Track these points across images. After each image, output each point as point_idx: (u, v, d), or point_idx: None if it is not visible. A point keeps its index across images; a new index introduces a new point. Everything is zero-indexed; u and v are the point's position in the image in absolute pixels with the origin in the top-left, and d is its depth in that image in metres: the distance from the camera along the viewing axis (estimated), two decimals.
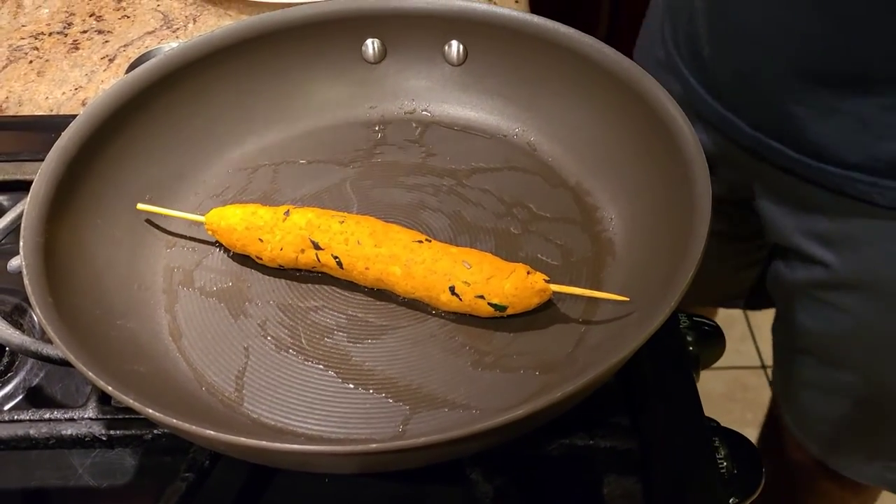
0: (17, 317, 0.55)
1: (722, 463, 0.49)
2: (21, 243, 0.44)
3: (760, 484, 0.52)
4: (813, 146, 0.59)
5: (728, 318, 1.43)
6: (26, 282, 0.42)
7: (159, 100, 0.54)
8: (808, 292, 0.67)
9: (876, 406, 0.69)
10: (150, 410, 0.35)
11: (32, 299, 0.41)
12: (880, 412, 0.69)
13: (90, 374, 0.37)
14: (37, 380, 0.52)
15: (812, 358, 0.70)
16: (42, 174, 0.47)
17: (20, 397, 0.51)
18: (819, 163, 0.59)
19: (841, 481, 0.79)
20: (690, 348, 0.55)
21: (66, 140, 0.49)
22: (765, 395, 1.44)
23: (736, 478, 0.50)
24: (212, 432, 0.34)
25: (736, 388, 1.52)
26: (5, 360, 0.52)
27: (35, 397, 0.51)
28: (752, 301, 0.87)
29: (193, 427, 0.35)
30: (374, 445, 0.34)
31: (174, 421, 0.35)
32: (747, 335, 1.57)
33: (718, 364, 0.64)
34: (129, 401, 0.36)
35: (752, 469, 0.51)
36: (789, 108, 0.59)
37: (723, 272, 0.82)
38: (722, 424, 0.51)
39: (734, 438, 0.51)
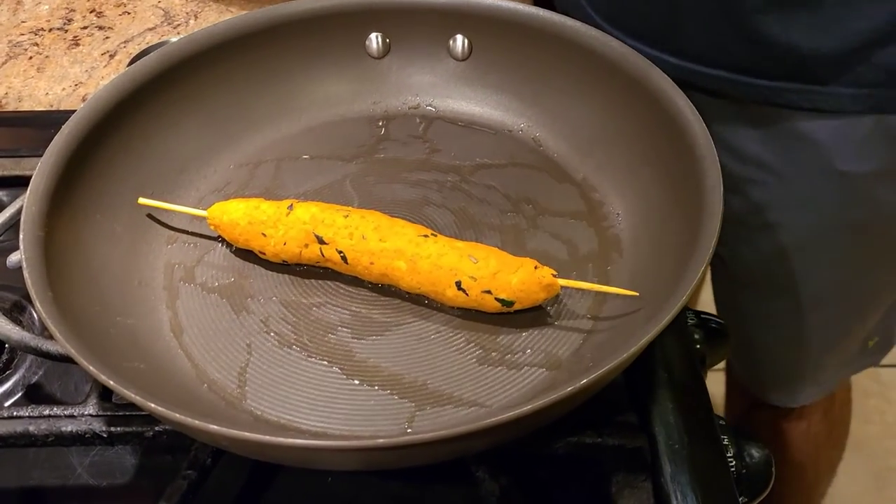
0: (16, 314, 0.54)
1: (731, 462, 0.48)
2: (21, 236, 0.43)
3: (770, 484, 0.52)
4: (739, 65, 0.60)
5: None
6: (26, 275, 0.41)
7: (160, 94, 0.54)
8: (744, 220, 0.67)
9: (820, 326, 0.70)
10: (153, 405, 0.35)
11: (32, 292, 0.40)
12: (825, 331, 0.70)
13: (91, 368, 0.36)
14: (36, 377, 0.51)
15: (754, 290, 0.71)
16: (42, 167, 0.46)
17: (19, 394, 0.50)
18: (747, 77, 0.60)
19: (810, 426, 0.81)
20: (698, 346, 0.55)
21: (66, 134, 0.48)
22: None
23: (745, 477, 0.50)
24: (215, 427, 0.34)
25: None
26: (4, 357, 0.52)
27: (34, 395, 0.50)
28: None
29: (196, 422, 0.34)
30: (380, 440, 0.33)
31: (176, 416, 0.34)
32: None
33: (719, 366, 0.63)
34: (131, 395, 0.35)
35: (762, 469, 0.51)
36: (714, 33, 0.59)
37: None
38: None
39: (744, 437, 0.50)
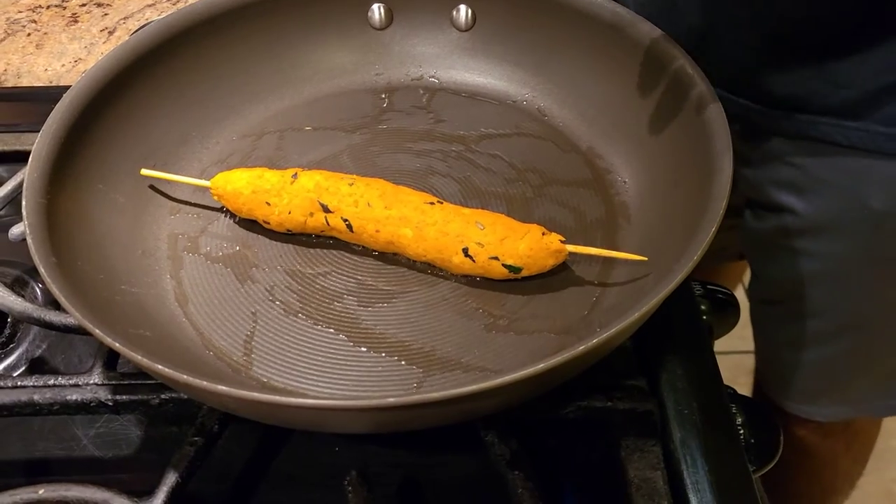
0: (18, 288, 0.53)
1: (740, 430, 0.48)
2: (23, 203, 0.42)
3: (778, 452, 0.51)
4: (772, 97, 0.59)
5: None
6: (29, 241, 0.40)
7: (162, 64, 0.53)
8: (776, 242, 0.67)
9: (848, 352, 0.69)
10: (160, 367, 0.34)
11: (35, 258, 0.39)
12: (853, 357, 0.70)
13: (96, 330, 0.36)
14: (39, 350, 0.51)
15: (784, 309, 0.71)
16: (44, 135, 0.46)
17: (23, 368, 0.50)
18: (780, 110, 0.59)
19: (829, 436, 0.79)
20: (704, 317, 0.54)
21: (67, 102, 0.48)
22: None
23: (753, 446, 0.49)
24: (223, 388, 0.33)
25: (739, 373, 1.50)
26: (7, 330, 0.51)
27: (38, 368, 0.50)
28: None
29: (203, 383, 0.33)
30: (390, 400, 0.33)
31: (184, 377, 0.34)
32: (748, 321, 1.56)
33: (721, 349, 0.63)
34: (138, 358, 0.35)
35: (770, 437, 0.51)
36: (747, 63, 0.58)
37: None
38: None
39: (751, 406, 0.50)
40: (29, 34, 0.72)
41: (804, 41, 0.56)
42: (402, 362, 0.43)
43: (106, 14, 0.74)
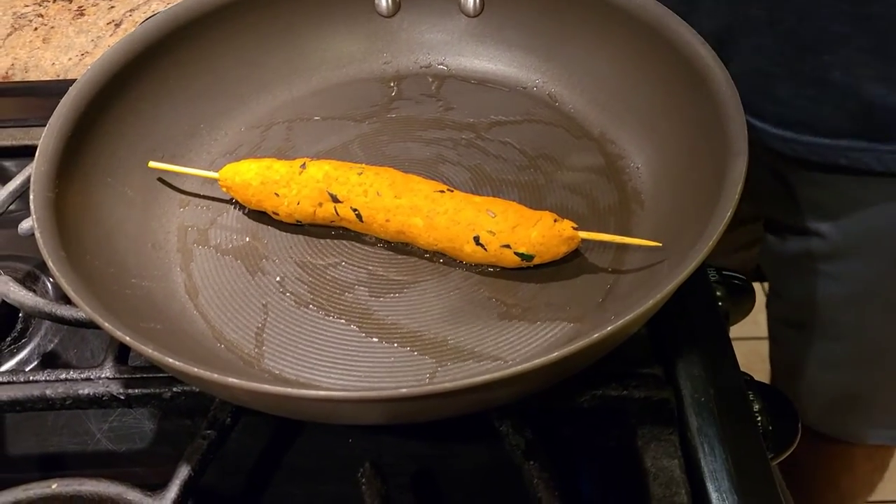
0: (29, 283, 0.54)
1: (757, 418, 0.47)
2: (31, 197, 0.42)
3: (796, 439, 0.51)
4: (801, 120, 0.58)
5: None
6: (37, 235, 0.40)
7: (168, 56, 0.53)
8: (801, 264, 0.66)
9: (872, 375, 0.68)
10: (171, 360, 0.34)
11: (44, 252, 0.39)
12: (877, 381, 0.69)
13: (106, 324, 0.35)
14: (51, 346, 0.51)
15: (808, 331, 0.69)
16: (50, 129, 0.46)
17: (35, 363, 0.50)
18: (809, 136, 0.57)
19: (848, 446, 0.78)
20: (720, 304, 0.54)
21: (73, 95, 0.48)
22: None
23: (771, 433, 0.49)
24: (235, 380, 0.33)
25: (754, 360, 1.49)
26: (19, 325, 0.52)
27: (50, 363, 0.50)
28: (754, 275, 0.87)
29: (215, 376, 0.33)
30: (403, 390, 0.33)
31: (195, 370, 0.33)
32: (763, 306, 1.55)
33: (735, 335, 0.62)
34: (149, 351, 0.34)
35: (788, 424, 0.50)
36: (773, 84, 0.57)
37: (723, 252, 0.82)
38: None
39: (769, 393, 0.50)
40: (36, 28, 0.72)
41: (825, 50, 0.54)
42: (415, 353, 0.42)
43: (112, 7, 0.74)
